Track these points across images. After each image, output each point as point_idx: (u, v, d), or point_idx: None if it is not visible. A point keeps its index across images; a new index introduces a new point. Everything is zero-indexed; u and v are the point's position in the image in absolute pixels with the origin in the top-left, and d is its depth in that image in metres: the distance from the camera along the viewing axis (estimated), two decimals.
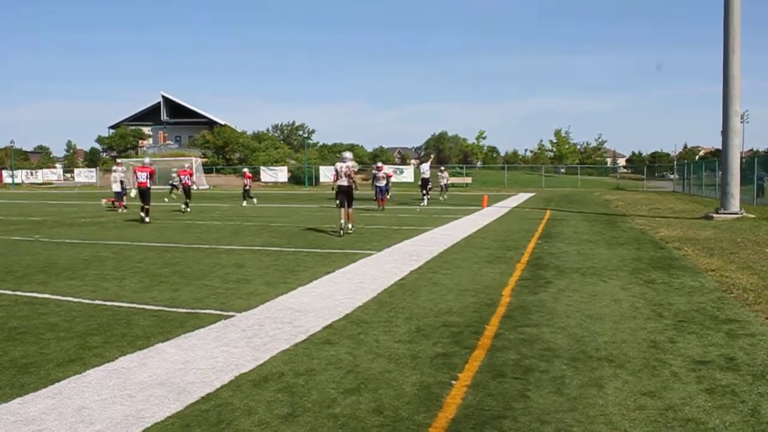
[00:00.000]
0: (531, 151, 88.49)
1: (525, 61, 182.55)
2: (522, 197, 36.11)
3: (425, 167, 28.94)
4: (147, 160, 20.30)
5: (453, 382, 4.54)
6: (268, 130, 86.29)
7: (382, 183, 24.75)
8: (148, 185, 19.03)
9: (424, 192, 27.96)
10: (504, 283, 8.40)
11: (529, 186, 54.57)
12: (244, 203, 28.44)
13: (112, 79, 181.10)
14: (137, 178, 19.14)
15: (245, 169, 29.94)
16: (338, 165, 15.08)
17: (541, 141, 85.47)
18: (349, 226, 14.95)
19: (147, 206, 18.91)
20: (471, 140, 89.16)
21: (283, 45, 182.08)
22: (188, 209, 23.12)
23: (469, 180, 59.49)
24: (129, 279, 8.77)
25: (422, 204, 27.16)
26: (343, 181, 14.93)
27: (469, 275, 8.97)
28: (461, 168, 69.13)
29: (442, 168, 38.29)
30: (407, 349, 5.36)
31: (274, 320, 6.34)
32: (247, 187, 28.92)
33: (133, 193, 19.90)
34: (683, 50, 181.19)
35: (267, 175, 63.90)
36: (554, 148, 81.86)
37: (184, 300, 7.34)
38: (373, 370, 4.83)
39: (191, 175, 23.75)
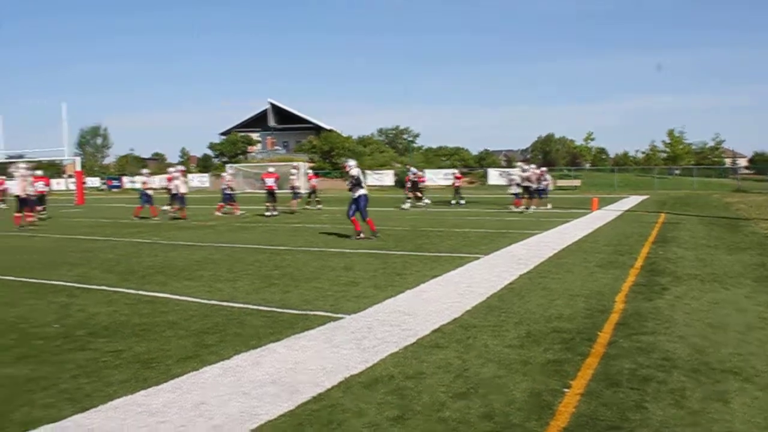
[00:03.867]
0: (642, 152, 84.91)
1: (632, 58, 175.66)
2: (634, 200, 34.84)
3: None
4: (271, 168, 25.77)
5: (565, 389, 4.42)
6: (373, 134, 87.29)
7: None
8: (275, 188, 23.73)
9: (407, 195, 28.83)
10: (617, 288, 8.12)
11: (641, 188, 52.58)
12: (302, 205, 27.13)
13: (222, 87, 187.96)
14: (265, 183, 23.85)
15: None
16: (526, 174, 24.08)
17: (653, 141, 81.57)
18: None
19: (274, 203, 23.60)
20: (579, 142, 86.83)
21: (388, 50, 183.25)
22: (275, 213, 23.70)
23: (577, 183, 57.96)
24: (242, 280, 9.05)
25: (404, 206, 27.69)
26: (532, 184, 24.35)
27: (580, 280, 8.73)
28: (569, 170, 67.50)
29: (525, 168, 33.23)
30: (517, 355, 5.26)
31: (382, 323, 6.38)
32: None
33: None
34: None
35: (373, 179, 64.63)
36: (668, 149, 78.52)
37: (294, 302, 7.50)
38: (483, 374, 4.77)
39: (277, 178, 24.65)
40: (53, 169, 78.95)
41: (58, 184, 75.35)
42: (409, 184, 29.17)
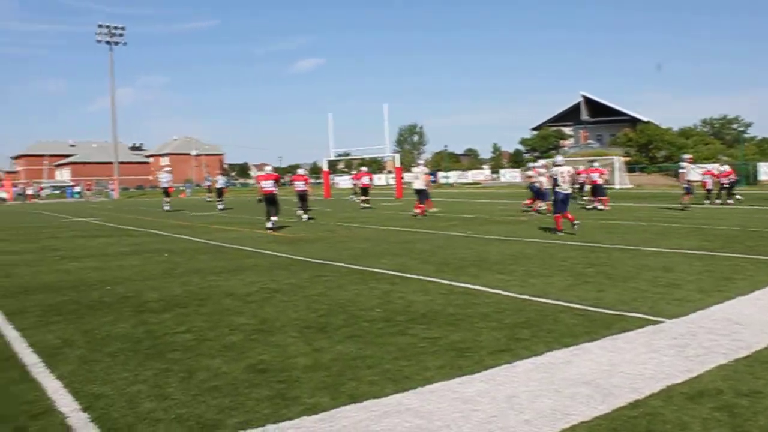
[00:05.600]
0: None
1: None
2: None
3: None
4: (596, 163, 26.39)
5: None
6: (695, 125, 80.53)
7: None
8: (599, 182, 24.14)
9: None
10: None
11: None
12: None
13: (532, 82, 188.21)
14: (590, 177, 24.30)
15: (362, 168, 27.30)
16: None
17: None
18: None
19: (604, 197, 24.04)
20: None
21: (709, 32, 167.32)
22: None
23: None
24: (555, 276, 8.93)
25: None
26: None
27: None
28: None
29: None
30: None
31: (708, 330, 5.83)
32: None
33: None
34: None
35: (694, 174, 59.90)
36: None
37: (609, 301, 7.20)
38: None
39: (602, 173, 25.07)
40: (374, 166, 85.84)
41: (378, 179, 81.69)
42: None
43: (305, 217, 22.15)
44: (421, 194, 22.41)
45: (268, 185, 17.95)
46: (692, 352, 5.19)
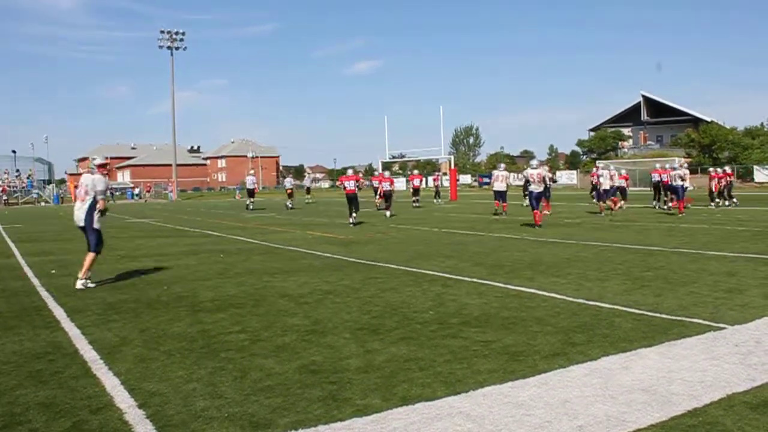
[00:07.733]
0: None
1: None
2: None
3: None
4: (668, 166, 26.23)
5: None
6: (762, 124, 77.84)
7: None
8: (670, 183, 23.53)
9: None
10: None
11: None
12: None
13: (591, 82, 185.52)
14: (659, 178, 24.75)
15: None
16: None
17: None
18: None
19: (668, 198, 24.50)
20: None
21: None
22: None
23: None
24: (611, 280, 8.76)
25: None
26: None
27: None
28: None
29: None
30: None
31: None
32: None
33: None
34: None
35: (762, 174, 57.98)
36: None
37: (668, 306, 7.01)
38: None
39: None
40: (429, 168, 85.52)
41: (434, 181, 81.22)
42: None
43: (387, 214, 24.46)
44: (502, 196, 23.67)
45: (350, 186, 20.59)
46: (756, 359, 5.01)
